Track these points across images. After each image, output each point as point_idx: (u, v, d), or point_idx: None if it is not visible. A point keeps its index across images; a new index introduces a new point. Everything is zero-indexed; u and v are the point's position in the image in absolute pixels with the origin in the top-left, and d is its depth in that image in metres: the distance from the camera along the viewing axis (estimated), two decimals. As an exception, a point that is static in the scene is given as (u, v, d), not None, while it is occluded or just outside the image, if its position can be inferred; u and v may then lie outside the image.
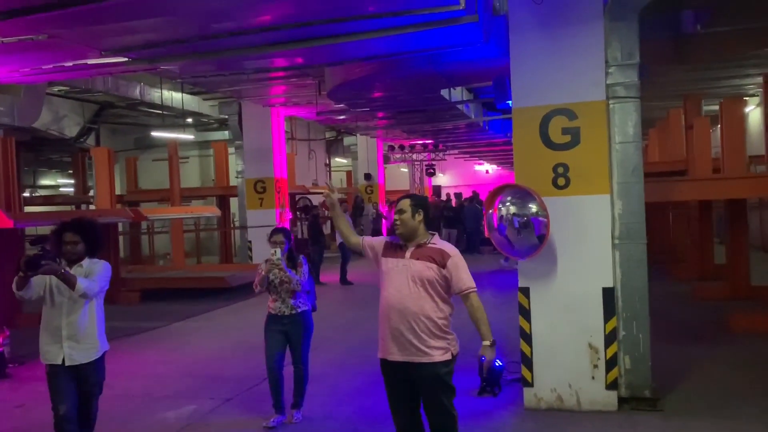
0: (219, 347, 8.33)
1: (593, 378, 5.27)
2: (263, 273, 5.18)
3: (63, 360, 4.11)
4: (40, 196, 23.87)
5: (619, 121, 5.32)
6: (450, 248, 3.82)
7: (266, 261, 5.18)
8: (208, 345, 8.55)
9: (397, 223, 3.81)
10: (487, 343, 3.69)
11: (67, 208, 19.40)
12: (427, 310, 3.65)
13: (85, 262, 4.22)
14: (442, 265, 3.70)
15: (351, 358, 7.41)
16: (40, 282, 4.07)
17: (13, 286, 4.00)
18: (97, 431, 5.28)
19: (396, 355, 3.71)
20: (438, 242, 3.84)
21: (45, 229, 10.01)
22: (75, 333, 4.12)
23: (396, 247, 3.84)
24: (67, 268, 4.05)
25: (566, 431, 4.91)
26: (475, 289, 3.75)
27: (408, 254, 3.76)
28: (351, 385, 6.31)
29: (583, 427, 4.95)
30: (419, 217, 3.80)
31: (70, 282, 3.99)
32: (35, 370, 7.36)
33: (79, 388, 4.23)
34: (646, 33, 5.43)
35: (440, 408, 3.72)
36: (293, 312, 5.28)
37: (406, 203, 3.84)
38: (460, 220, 19.32)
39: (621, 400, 5.28)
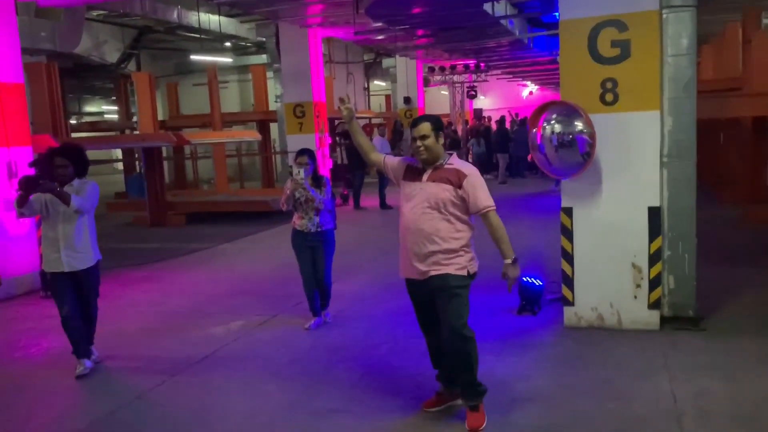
0: (264, 267, 8.55)
1: (635, 297, 5.23)
2: (288, 192, 5.48)
3: (63, 267, 4.74)
4: (86, 123, 24.31)
5: (672, 32, 5.04)
6: (467, 167, 3.74)
7: (291, 180, 5.44)
8: (253, 265, 8.78)
9: (421, 149, 3.67)
10: (508, 261, 3.67)
11: (112, 133, 19.78)
12: (441, 231, 3.63)
13: (75, 182, 4.80)
14: (458, 186, 3.63)
15: (391, 278, 7.51)
16: (37, 200, 4.67)
17: (15, 204, 4.63)
18: (150, 345, 5.60)
19: (414, 274, 3.75)
20: (455, 162, 3.74)
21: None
22: (71, 243, 4.75)
23: (414, 171, 3.78)
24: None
25: (606, 348, 4.93)
26: (494, 208, 3.69)
27: (425, 177, 3.71)
28: (393, 304, 6.42)
29: (623, 345, 4.96)
30: (441, 139, 3.71)
31: (64, 199, 4.58)
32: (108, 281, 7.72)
33: (79, 292, 4.89)
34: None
35: (453, 326, 3.62)
36: (318, 230, 5.62)
37: (427, 127, 3.67)
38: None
39: (663, 320, 5.25)
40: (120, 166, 23.01)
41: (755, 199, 11.29)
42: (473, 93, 22.55)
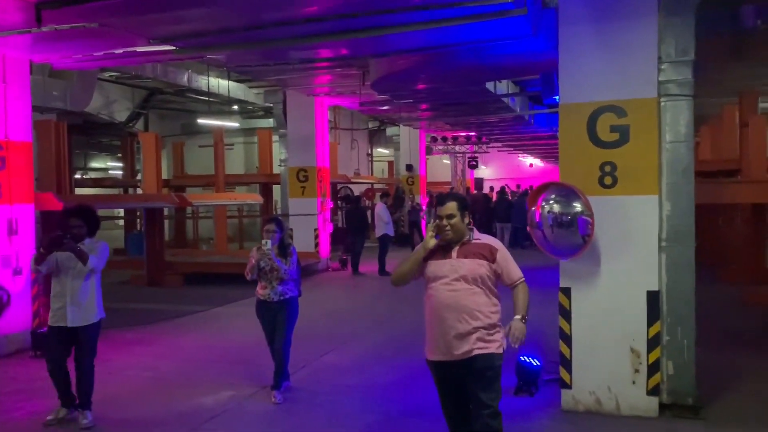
0: (258, 333, 8.34)
1: (634, 383, 5.14)
2: (254, 261, 5.50)
3: (66, 321, 4.96)
4: (91, 179, 24.52)
5: (670, 119, 5.14)
6: (494, 242, 3.81)
7: (257, 249, 5.51)
8: (248, 330, 8.62)
9: (448, 229, 3.69)
10: (518, 316, 3.67)
11: (116, 191, 19.93)
12: (481, 306, 3.64)
13: (87, 241, 5.05)
14: (492, 260, 3.69)
15: (388, 350, 7.41)
16: (50, 258, 4.92)
17: (33, 261, 4.93)
18: (138, 412, 5.46)
19: (454, 355, 3.64)
20: (481, 237, 3.81)
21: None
22: (77, 299, 4.99)
23: (438, 249, 3.77)
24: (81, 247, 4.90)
25: (604, 435, 4.81)
26: (524, 279, 3.79)
27: (454, 254, 3.71)
28: (388, 378, 6.31)
29: (622, 432, 4.84)
30: (466, 219, 3.75)
31: (83, 258, 4.88)
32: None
33: (75, 349, 5.10)
34: (702, 29, 5.22)
35: (492, 408, 3.61)
36: (281, 298, 5.63)
37: (453, 207, 3.72)
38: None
39: (662, 407, 5.13)
40: (122, 222, 23.09)
41: (755, 280, 11.26)
42: (474, 163, 22.88)
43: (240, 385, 6.10)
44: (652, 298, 5.11)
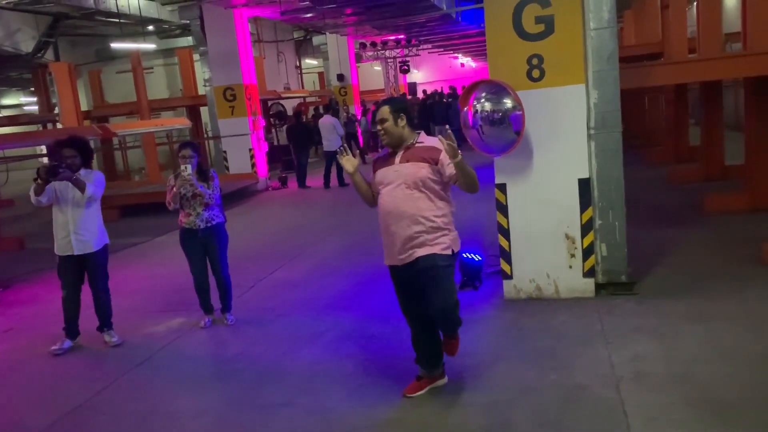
0: (203, 259, 8.36)
1: (570, 267, 5.39)
2: (175, 189, 5.31)
3: (72, 250, 5.09)
4: (5, 117, 23.10)
5: (593, 6, 5.14)
6: (439, 143, 3.72)
7: (176, 176, 5.33)
8: (191, 258, 8.58)
9: (382, 133, 3.73)
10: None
11: (34, 127, 18.87)
12: (423, 210, 3.63)
13: (82, 171, 5.08)
14: (435, 162, 3.66)
15: (336, 261, 7.51)
16: (49, 189, 4.95)
17: (32, 192, 4.89)
18: (91, 348, 5.45)
19: (398, 259, 3.71)
20: (426, 140, 3.78)
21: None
22: (80, 227, 5.09)
23: (385, 158, 3.80)
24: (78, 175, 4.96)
25: (545, 318, 5.07)
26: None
27: (398, 159, 3.72)
28: (338, 288, 6.42)
29: (562, 313, 5.12)
30: (402, 121, 3.72)
31: (80, 186, 4.94)
32: (19, 293, 7.41)
33: (88, 275, 5.30)
34: None
35: (443, 307, 3.67)
36: (208, 225, 5.46)
37: (385, 111, 3.72)
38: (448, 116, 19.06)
39: (598, 287, 5.43)
40: (45, 160, 22.03)
41: (679, 158, 11.80)
42: (406, 68, 22.55)
43: (190, 312, 6.09)
44: (584, 185, 5.28)
